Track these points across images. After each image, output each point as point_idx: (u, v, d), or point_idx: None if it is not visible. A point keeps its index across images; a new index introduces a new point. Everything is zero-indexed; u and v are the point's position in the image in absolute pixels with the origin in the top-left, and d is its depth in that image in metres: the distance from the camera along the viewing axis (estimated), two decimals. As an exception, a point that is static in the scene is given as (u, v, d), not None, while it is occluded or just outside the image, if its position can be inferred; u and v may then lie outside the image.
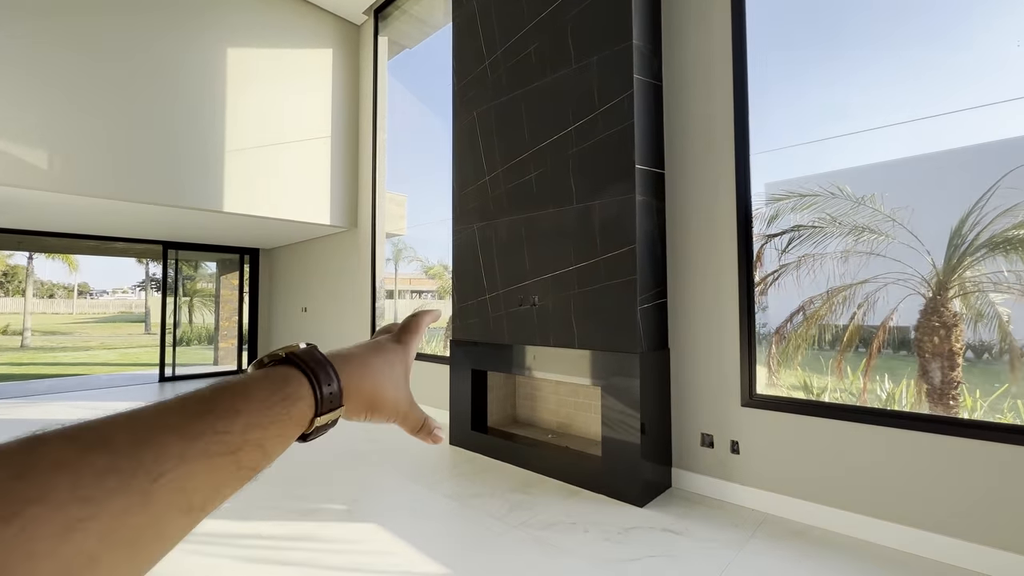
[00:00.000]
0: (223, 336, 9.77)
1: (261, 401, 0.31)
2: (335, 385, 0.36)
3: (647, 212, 3.02)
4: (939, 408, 2.64)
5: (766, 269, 2.87)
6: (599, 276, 3.05)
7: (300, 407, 0.33)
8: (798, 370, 3.06)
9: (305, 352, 0.36)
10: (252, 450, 0.29)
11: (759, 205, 2.86)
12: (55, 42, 4.11)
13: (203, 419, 0.27)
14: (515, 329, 3.55)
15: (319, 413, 0.35)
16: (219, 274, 10.02)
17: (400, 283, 8.51)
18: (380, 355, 0.43)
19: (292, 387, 0.33)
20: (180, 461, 0.25)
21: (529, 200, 3.49)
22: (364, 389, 0.40)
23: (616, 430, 2.93)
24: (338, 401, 0.36)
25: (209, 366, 9.73)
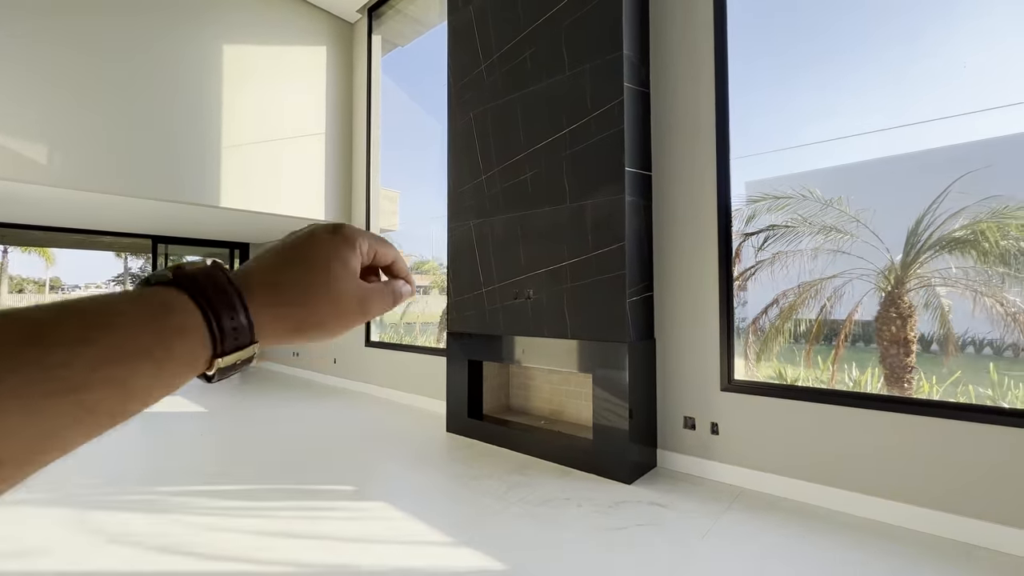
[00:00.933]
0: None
1: (125, 331, 0.24)
2: (241, 316, 0.29)
3: (636, 211, 3.24)
4: (896, 391, 2.93)
5: (744, 265, 3.12)
6: (591, 271, 3.26)
7: (188, 344, 0.27)
8: (774, 361, 3.33)
9: (201, 272, 0.29)
10: (105, 389, 0.23)
11: (738, 205, 3.10)
12: (56, 40, 4.15)
13: (31, 345, 0.22)
14: (511, 321, 3.74)
15: (220, 353, 0.28)
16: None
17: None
18: (308, 252, 0.33)
19: (176, 318, 0.27)
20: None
21: (524, 199, 3.68)
22: (288, 312, 0.32)
23: (606, 415, 3.16)
24: (247, 336, 0.29)
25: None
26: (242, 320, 0.29)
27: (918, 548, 2.27)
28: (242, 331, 0.29)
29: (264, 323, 0.31)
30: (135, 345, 0.24)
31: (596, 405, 3.21)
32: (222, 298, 0.28)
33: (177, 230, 7.08)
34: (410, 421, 4.61)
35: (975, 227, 2.70)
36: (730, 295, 3.05)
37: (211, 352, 0.28)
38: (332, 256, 0.34)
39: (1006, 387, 2.85)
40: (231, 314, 0.28)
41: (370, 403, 5.37)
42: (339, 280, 0.34)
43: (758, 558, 2.20)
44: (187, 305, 0.27)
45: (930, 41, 2.93)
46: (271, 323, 0.31)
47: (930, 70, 2.80)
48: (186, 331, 0.27)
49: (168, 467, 3.36)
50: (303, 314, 0.33)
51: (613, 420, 3.12)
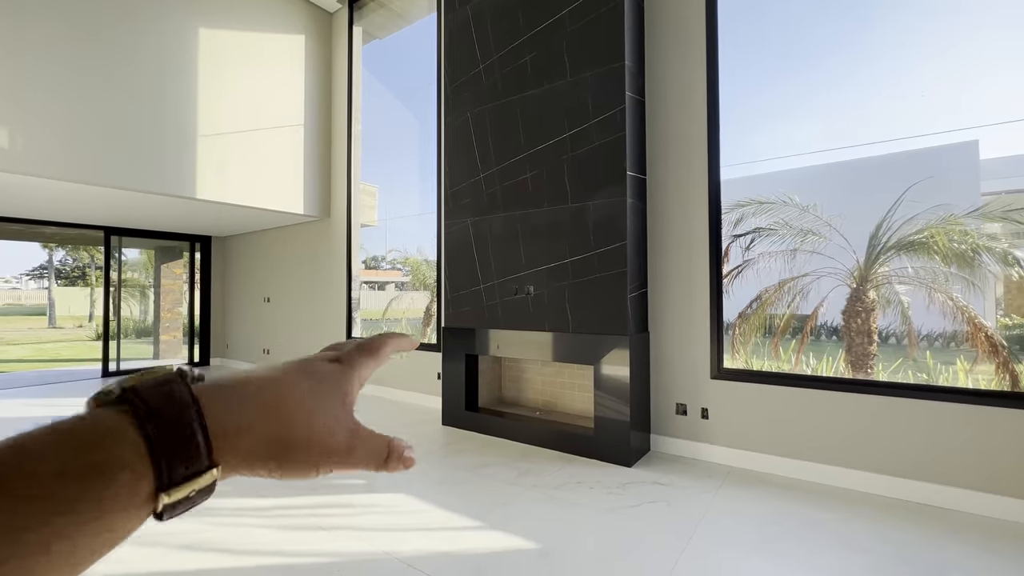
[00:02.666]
0: (164, 328, 9.23)
1: (35, 478, 0.20)
2: (198, 438, 0.24)
3: (635, 213, 3.46)
4: (860, 375, 3.33)
5: (731, 264, 3.42)
6: (593, 268, 3.45)
7: (121, 484, 0.21)
8: (742, 353, 3.67)
9: (153, 387, 0.24)
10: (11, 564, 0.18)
11: (727, 208, 3.39)
12: (13, 14, 3.84)
13: None
14: (510, 316, 3.88)
15: (166, 486, 0.23)
16: (158, 262, 9.43)
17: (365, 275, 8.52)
18: (299, 380, 0.30)
19: (104, 452, 0.22)
20: None
21: (524, 198, 3.81)
22: (264, 431, 0.27)
23: (608, 404, 3.37)
24: (204, 461, 0.24)
25: (148, 360, 9.16)
26: (198, 442, 0.24)
27: (891, 512, 2.62)
28: (195, 455, 0.24)
29: (228, 443, 0.26)
30: (51, 496, 0.19)
31: (598, 395, 3.41)
32: (172, 415, 0.23)
33: (133, 221, 6.66)
34: (403, 416, 4.64)
35: (928, 231, 3.13)
36: (719, 291, 3.33)
37: (155, 486, 0.23)
38: (330, 388, 0.31)
39: (948, 372, 3.31)
40: (183, 436, 0.23)
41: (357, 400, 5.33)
42: (332, 408, 0.31)
43: (757, 524, 2.47)
44: (125, 433, 0.22)
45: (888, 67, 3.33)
46: (240, 445, 0.26)
47: (890, 96, 3.19)
48: (123, 467, 0.22)
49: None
50: (283, 435, 0.28)
51: (614, 409, 3.33)
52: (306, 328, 6.51)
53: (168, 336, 9.23)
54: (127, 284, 11.58)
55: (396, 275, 8.18)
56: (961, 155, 3.06)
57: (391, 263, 6.72)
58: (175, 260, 9.14)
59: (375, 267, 8.08)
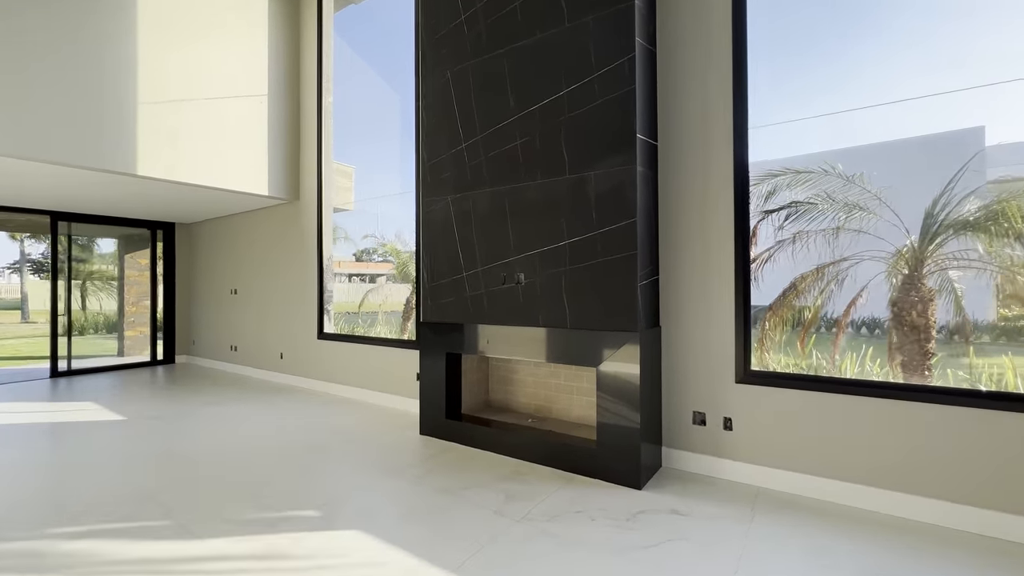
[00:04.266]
0: (130, 323, 8.58)
1: None
2: None
3: (646, 184, 2.89)
4: (916, 380, 2.82)
5: (761, 246, 2.88)
6: (596, 252, 2.89)
7: None
8: (773, 352, 3.12)
9: None
10: None
11: (756, 179, 2.83)
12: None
13: None
14: (498, 309, 3.31)
15: None
16: (122, 252, 8.75)
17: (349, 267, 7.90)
18: None
19: None
20: None
21: (514, 170, 3.23)
22: None
23: (613, 412, 2.82)
24: None
25: (113, 357, 8.50)
26: None
27: (976, 552, 2.10)
28: None
29: None
30: None
31: (601, 402, 2.86)
32: None
33: (84, 205, 6.00)
34: (376, 423, 4.08)
35: (994, 207, 2.60)
36: (747, 278, 2.79)
37: None
38: None
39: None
40: None
41: (325, 403, 4.76)
42: None
43: (811, 572, 1.93)
44: None
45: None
46: None
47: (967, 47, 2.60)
48: None
49: (69, 498, 2.66)
50: None
51: (621, 418, 2.78)
52: (275, 323, 5.90)
53: (134, 332, 8.59)
54: (96, 276, 10.92)
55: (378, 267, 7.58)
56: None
57: (360, 252, 6.08)
58: (141, 249, 8.48)
59: (367, 260, 7.46)
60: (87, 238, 9.60)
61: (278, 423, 4.07)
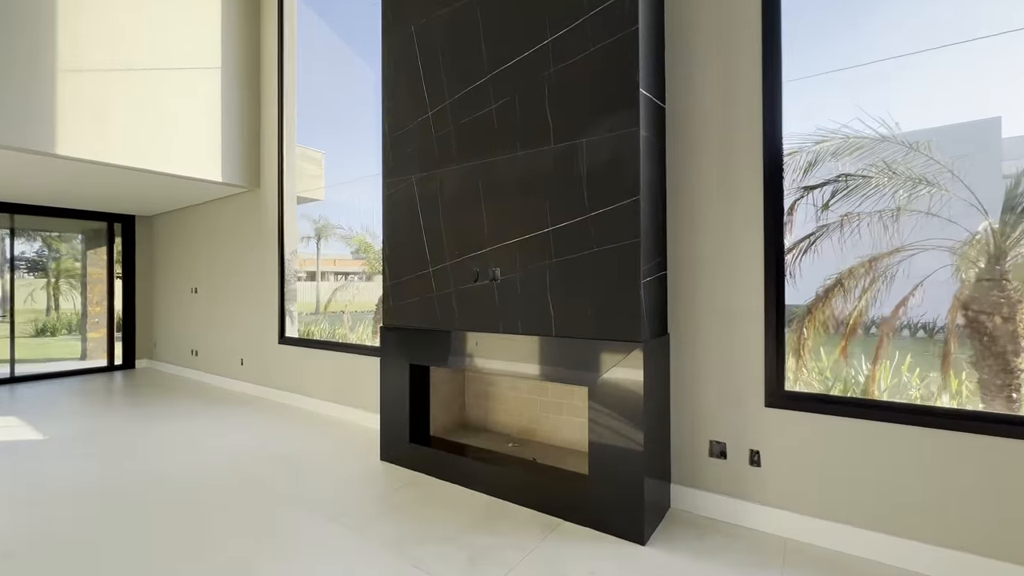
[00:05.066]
0: (93, 325, 7.98)
1: None
2: None
3: (652, 154, 2.29)
4: (1000, 404, 2.22)
5: (798, 231, 2.28)
6: (587, 240, 2.28)
7: None
8: (812, 366, 2.51)
9: None
10: None
11: (792, 146, 2.23)
12: None
13: None
14: (468, 312, 2.71)
15: None
16: (85, 248, 8.16)
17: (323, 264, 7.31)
18: None
19: None
20: None
21: (488, 141, 2.63)
22: None
23: (609, 441, 2.22)
24: None
25: (76, 361, 7.90)
26: None
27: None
28: None
29: None
30: None
31: (596, 429, 2.26)
32: None
33: (26, 195, 5.39)
34: (334, 445, 3.48)
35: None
36: (780, 273, 2.18)
37: None
38: None
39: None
40: None
41: (284, 418, 4.16)
42: None
43: None
44: None
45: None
46: None
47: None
48: None
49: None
50: None
51: (620, 449, 2.19)
52: (235, 325, 5.30)
53: (97, 333, 7.98)
54: (68, 274, 10.29)
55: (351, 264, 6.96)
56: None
57: (346, 242, 5.47)
58: (103, 245, 7.88)
59: (329, 257, 6.84)
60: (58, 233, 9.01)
61: (221, 446, 3.47)
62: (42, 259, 9.92)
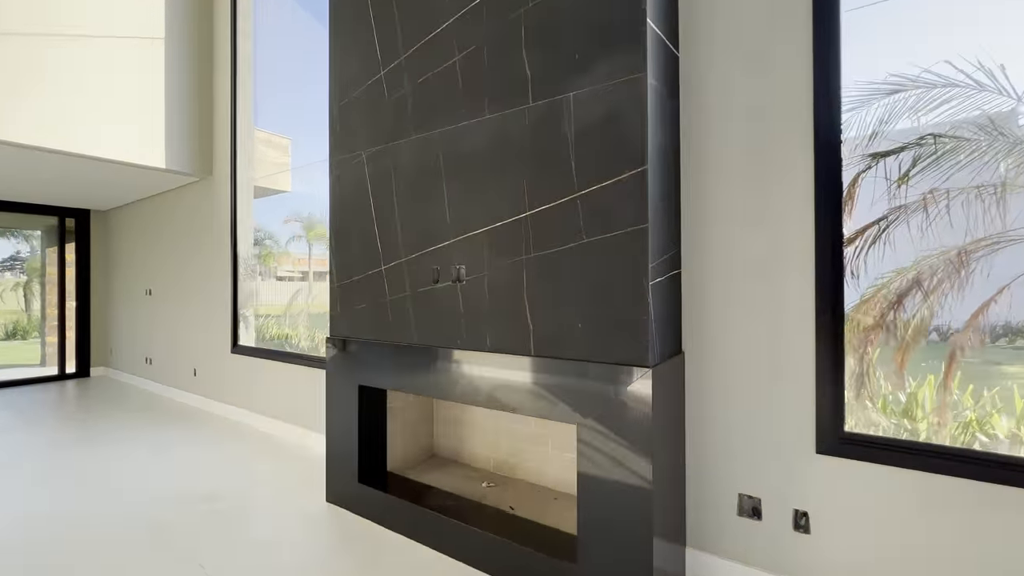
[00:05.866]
0: (52, 328, 7.41)
1: None
2: None
3: (662, 111, 1.71)
4: None
5: (863, 214, 1.70)
6: (575, 227, 1.70)
7: None
8: (880, 398, 1.90)
9: None
10: None
11: (853, 99, 1.65)
12: None
13: None
14: (427, 322, 2.13)
15: None
16: (44, 245, 7.60)
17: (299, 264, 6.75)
18: None
19: None
20: None
21: (451, 102, 2.05)
22: None
23: (605, 496, 1.64)
24: None
25: (35, 368, 7.32)
26: None
27: None
28: None
29: None
30: None
31: (586, 484, 1.68)
32: None
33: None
34: (277, 477, 2.90)
35: None
36: (837, 271, 1.60)
37: None
38: None
39: None
40: None
41: (230, 439, 3.58)
42: None
43: None
44: None
45: None
46: None
47: None
48: None
49: None
50: None
51: (618, 507, 1.61)
52: (188, 331, 4.72)
53: (55, 337, 7.43)
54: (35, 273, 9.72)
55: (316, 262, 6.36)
56: None
57: (306, 231, 4.84)
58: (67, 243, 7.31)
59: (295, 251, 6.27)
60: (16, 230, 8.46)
61: (148, 479, 2.89)
62: (17, 258, 9.37)
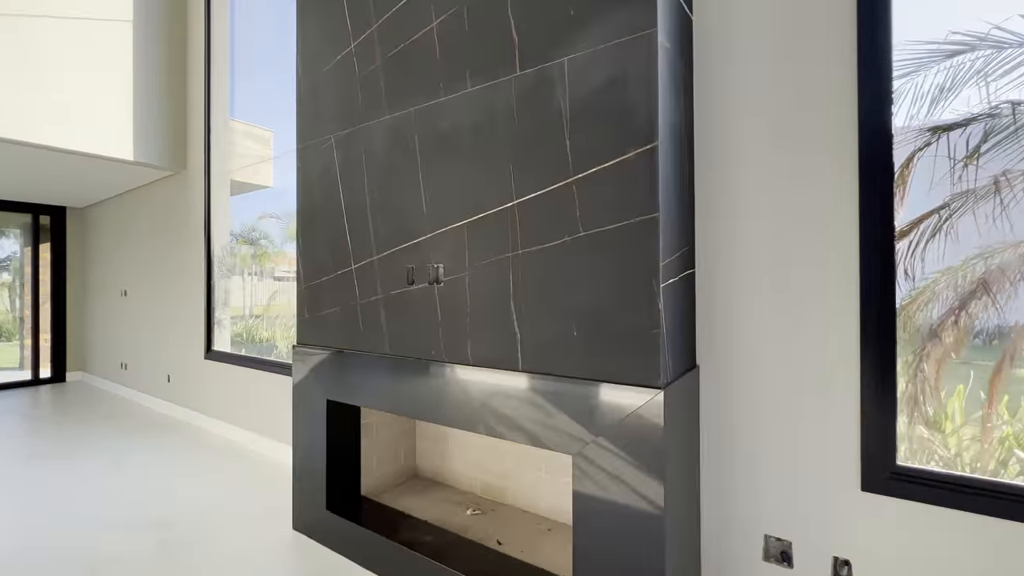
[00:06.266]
0: (30, 330, 7.15)
1: None
2: None
3: (675, 79, 1.43)
4: None
5: (919, 202, 1.42)
6: (570, 218, 1.42)
7: None
8: (942, 420, 1.61)
9: None
10: None
11: (908, 65, 1.37)
12: None
13: None
14: (401, 329, 1.85)
15: None
16: (23, 244, 7.34)
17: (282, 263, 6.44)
18: None
19: None
20: None
21: (427, 76, 1.77)
22: None
23: (605, 538, 1.36)
24: None
25: (14, 371, 7.04)
26: None
27: None
28: None
29: None
30: None
31: (582, 526, 1.40)
32: None
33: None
34: (248, 497, 2.62)
35: None
36: (888, 272, 1.32)
37: None
38: None
39: None
40: None
41: (202, 453, 3.30)
42: None
43: None
44: None
45: None
46: None
47: None
48: None
49: None
50: None
51: (621, 552, 1.33)
52: (162, 334, 4.44)
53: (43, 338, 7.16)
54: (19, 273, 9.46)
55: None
56: None
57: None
58: (44, 242, 7.05)
59: None
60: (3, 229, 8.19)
61: (95, 498, 2.61)
62: (10, 257, 9.13)
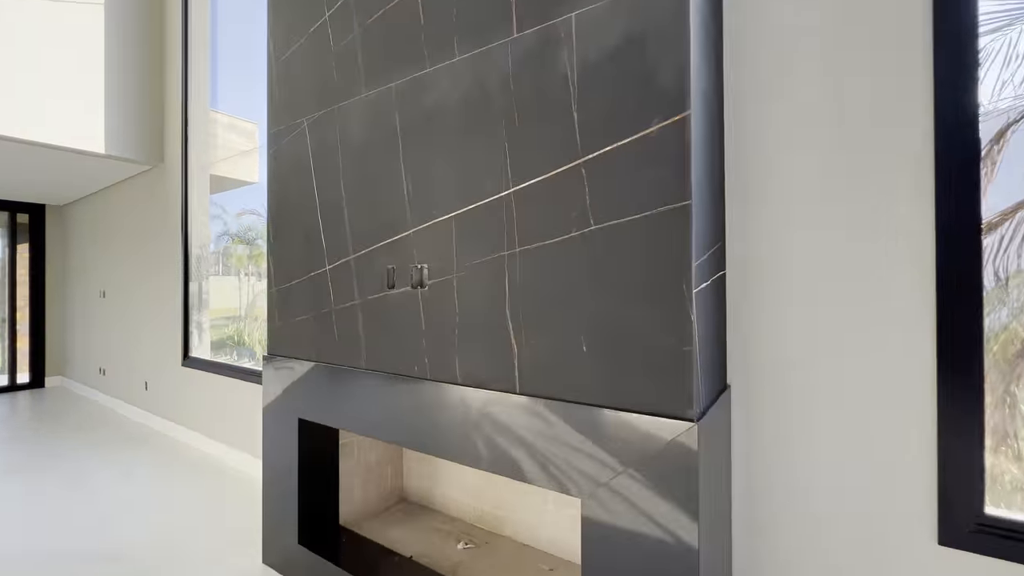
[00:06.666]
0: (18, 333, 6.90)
1: None
2: None
3: (707, 37, 1.17)
4: None
5: (1010, 191, 1.16)
6: (578, 208, 1.17)
7: None
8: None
9: None
10: None
11: (998, 18, 1.12)
12: None
13: None
14: (379, 339, 1.60)
15: None
16: (7, 242, 7.09)
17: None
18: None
19: None
20: None
21: (411, 44, 1.51)
22: None
23: (624, 616, 1.10)
24: None
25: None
26: None
27: None
28: None
29: None
30: None
31: (594, 571, 1.15)
32: None
33: None
34: (215, 518, 2.36)
35: None
36: (974, 274, 1.07)
37: None
38: None
39: None
40: None
41: (170, 465, 3.04)
42: None
43: None
44: None
45: None
46: None
47: None
48: None
49: None
50: None
51: (645, 638, 1.07)
52: (140, 338, 4.19)
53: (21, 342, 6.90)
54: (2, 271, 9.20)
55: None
56: None
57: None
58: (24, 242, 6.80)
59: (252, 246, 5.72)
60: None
61: (46, 523, 2.36)
62: None
